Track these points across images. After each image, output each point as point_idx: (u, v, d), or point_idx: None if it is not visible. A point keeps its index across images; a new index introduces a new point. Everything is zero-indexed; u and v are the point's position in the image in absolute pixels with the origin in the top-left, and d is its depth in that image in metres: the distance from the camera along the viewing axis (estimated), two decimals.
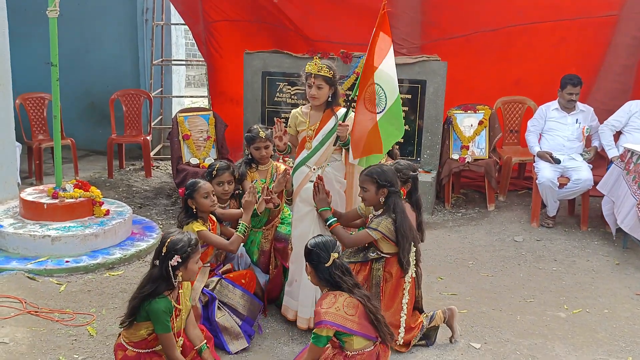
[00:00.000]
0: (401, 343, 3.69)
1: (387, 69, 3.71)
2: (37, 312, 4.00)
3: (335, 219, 3.76)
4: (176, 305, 3.08)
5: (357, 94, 3.74)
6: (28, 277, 4.50)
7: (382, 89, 3.71)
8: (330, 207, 3.78)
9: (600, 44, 6.69)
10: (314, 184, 3.77)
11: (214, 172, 4.16)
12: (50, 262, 4.69)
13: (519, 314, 4.28)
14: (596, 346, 3.88)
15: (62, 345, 3.66)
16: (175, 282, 3.03)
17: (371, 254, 3.73)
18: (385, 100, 3.73)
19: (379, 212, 3.70)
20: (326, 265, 3.10)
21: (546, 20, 6.69)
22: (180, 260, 3.01)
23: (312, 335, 3.05)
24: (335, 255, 3.12)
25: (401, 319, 3.67)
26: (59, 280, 4.51)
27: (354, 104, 3.79)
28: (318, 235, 3.31)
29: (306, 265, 3.21)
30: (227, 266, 4.01)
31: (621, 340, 3.96)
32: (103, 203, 5.35)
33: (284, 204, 4.32)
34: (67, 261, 4.71)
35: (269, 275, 4.26)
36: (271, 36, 7.20)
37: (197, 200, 3.72)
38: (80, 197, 5.21)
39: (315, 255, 3.13)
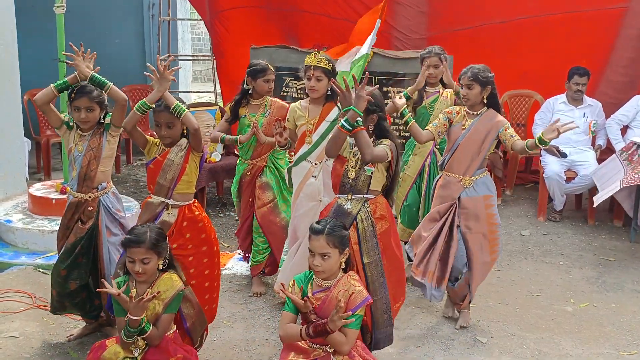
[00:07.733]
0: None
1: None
2: (46, 306, 4.03)
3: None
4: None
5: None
6: (37, 271, 4.53)
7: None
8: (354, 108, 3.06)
9: (609, 37, 6.63)
10: (337, 89, 3.12)
11: (73, 95, 3.46)
12: None
13: (525, 308, 4.28)
14: (603, 340, 3.88)
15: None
16: None
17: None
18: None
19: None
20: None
21: (556, 12, 6.63)
22: None
23: (356, 317, 2.84)
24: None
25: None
26: None
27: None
28: None
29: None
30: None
31: (629, 335, 3.95)
32: None
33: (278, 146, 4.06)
34: None
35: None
36: (281, 22, 7.15)
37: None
38: None
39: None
